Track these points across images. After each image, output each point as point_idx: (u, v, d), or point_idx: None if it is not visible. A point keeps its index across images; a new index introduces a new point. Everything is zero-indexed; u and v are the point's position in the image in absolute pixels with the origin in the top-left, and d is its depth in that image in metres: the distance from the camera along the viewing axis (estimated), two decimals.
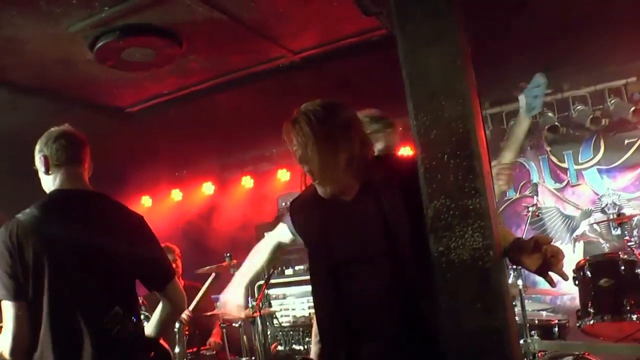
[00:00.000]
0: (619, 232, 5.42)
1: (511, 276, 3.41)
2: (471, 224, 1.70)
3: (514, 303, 3.64)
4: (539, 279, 5.64)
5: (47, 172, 2.43)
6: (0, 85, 4.19)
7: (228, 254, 4.65)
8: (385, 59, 2.94)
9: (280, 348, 5.31)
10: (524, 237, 4.19)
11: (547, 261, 1.79)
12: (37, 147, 2.49)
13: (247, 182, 6.96)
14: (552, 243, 1.82)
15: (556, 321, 4.13)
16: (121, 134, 5.42)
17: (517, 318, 3.60)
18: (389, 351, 2.04)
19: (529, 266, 1.83)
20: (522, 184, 5.89)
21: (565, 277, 1.85)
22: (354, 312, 2.07)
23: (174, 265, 4.25)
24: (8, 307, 2.13)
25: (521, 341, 3.54)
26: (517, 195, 5.89)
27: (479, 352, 1.67)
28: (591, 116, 5.28)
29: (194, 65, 4.32)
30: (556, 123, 5.42)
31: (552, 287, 1.96)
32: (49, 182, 2.44)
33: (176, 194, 7.24)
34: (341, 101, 2.08)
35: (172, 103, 4.99)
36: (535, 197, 4.21)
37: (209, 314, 4.74)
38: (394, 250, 1.99)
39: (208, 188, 7.16)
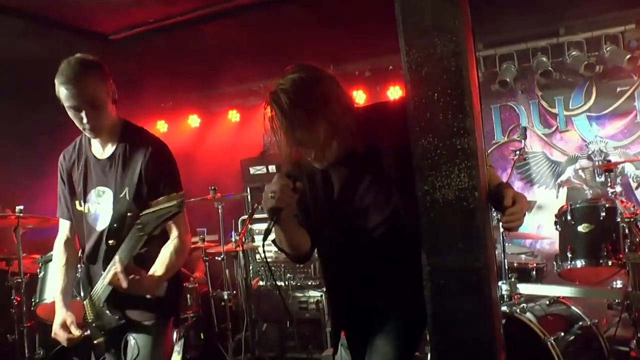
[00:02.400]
0: (602, 179, 5.48)
1: (494, 218, 3.43)
2: (458, 163, 1.69)
3: (495, 245, 3.69)
4: None
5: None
6: None
7: (213, 187, 4.63)
8: None
9: (261, 283, 5.39)
10: (509, 181, 4.24)
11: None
12: (105, 73, 2.39)
13: (234, 115, 6.87)
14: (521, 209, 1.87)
15: (534, 265, 4.19)
16: (104, 62, 5.27)
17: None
18: (390, 295, 2.13)
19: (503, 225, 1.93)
20: (510, 127, 5.88)
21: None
22: (361, 264, 2.15)
23: None
24: None
25: (499, 283, 3.61)
26: (505, 139, 5.88)
27: (458, 290, 1.69)
28: (585, 62, 5.21)
29: None
30: (549, 68, 5.35)
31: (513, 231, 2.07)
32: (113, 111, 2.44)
33: (161, 125, 7.16)
34: (314, 67, 2.00)
35: (157, 32, 4.85)
36: (523, 141, 4.19)
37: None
38: (394, 199, 2.03)
39: (194, 120, 7.08)
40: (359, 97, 6.12)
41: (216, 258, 4.81)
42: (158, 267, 2.40)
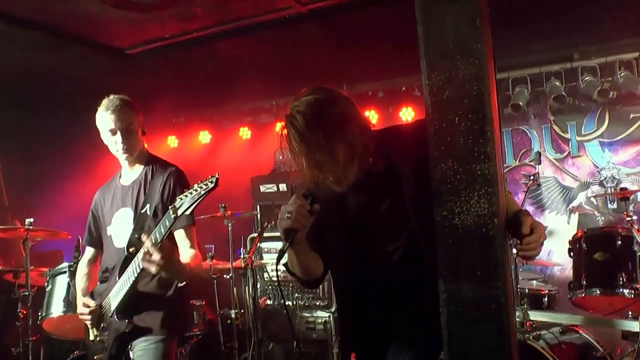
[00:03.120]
0: (615, 206, 5.42)
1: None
2: (478, 189, 1.66)
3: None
4: None
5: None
6: None
7: (223, 205, 4.62)
8: (398, 14, 2.85)
9: (269, 302, 5.35)
10: (522, 206, 4.20)
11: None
12: (136, 108, 2.81)
13: (245, 132, 6.86)
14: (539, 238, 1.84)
15: (546, 291, 4.14)
16: (119, 76, 5.30)
17: None
18: (406, 321, 2.08)
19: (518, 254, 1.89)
20: (522, 152, 5.84)
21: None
22: (372, 285, 2.12)
23: None
24: None
25: None
26: (517, 163, 5.85)
27: (476, 319, 1.65)
28: (599, 88, 5.18)
29: (198, 10, 4.20)
30: (563, 92, 5.33)
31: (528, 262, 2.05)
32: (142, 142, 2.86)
33: (172, 140, 7.17)
34: (329, 89, 1.98)
35: (173, 47, 4.87)
36: (537, 165, 4.16)
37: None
38: (413, 224, 1.99)
39: (205, 136, 7.07)
40: (371, 117, 6.11)
41: (224, 276, 4.77)
42: (185, 257, 2.58)
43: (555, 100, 5.39)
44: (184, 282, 2.59)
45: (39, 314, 4.04)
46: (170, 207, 2.28)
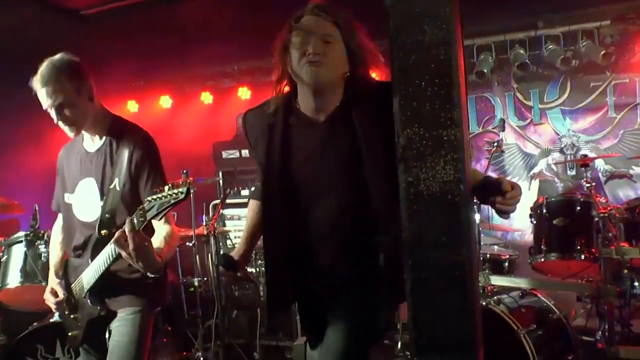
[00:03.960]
0: (574, 172, 5.55)
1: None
2: (444, 155, 1.64)
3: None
4: (493, 214, 5.77)
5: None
6: None
7: (185, 171, 4.53)
8: None
9: None
10: (485, 172, 4.24)
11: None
12: (79, 73, 2.47)
13: (207, 97, 6.73)
14: (520, 193, 1.86)
15: (507, 256, 4.22)
16: (75, 38, 5.09)
17: None
18: (341, 285, 2.01)
19: (500, 208, 1.86)
20: (485, 118, 5.90)
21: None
22: (306, 240, 2.02)
23: None
24: None
25: None
26: (480, 130, 5.90)
27: (441, 285, 1.65)
28: (562, 56, 5.24)
29: None
30: (526, 60, 5.37)
31: (506, 219, 2.01)
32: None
33: (132, 105, 6.99)
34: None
35: (131, 9, 4.70)
36: (500, 132, 4.20)
37: None
38: (361, 179, 1.94)
39: (165, 101, 6.92)
40: None
41: (187, 244, 4.71)
42: (156, 247, 2.33)
43: (519, 68, 5.44)
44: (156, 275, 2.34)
45: None
46: (139, 209, 2.12)
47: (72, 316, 2.53)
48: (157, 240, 2.39)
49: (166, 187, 2.10)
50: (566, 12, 5.31)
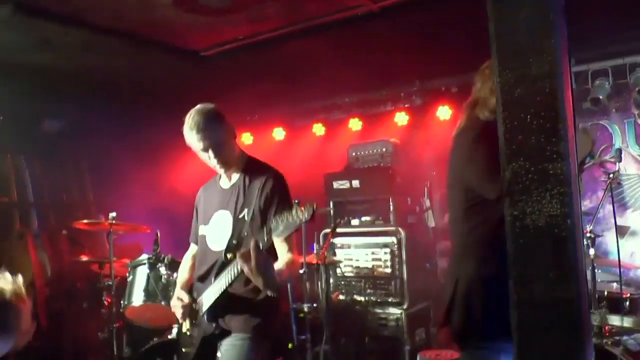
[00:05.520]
0: None
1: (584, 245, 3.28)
2: (550, 189, 1.62)
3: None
4: (611, 249, 5.43)
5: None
6: (79, 27, 4.28)
7: (296, 201, 4.68)
8: (470, 10, 2.80)
9: (341, 297, 5.39)
10: (601, 204, 4.03)
11: None
12: (221, 116, 2.73)
13: (318, 129, 6.92)
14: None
15: (628, 295, 3.96)
16: (195, 78, 5.50)
17: None
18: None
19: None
20: (602, 148, 5.59)
21: None
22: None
23: None
24: None
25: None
26: (597, 160, 5.60)
27: (549, 322, 1.61)
28: None
29: (271, 12, 4.27)
30: None
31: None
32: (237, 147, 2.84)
33: (247, 138, 7.32)
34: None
35: (246, 48, 4.98)
36: (617, 163, 3.97)
37: None
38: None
39: (278, 133, 7.18)
40: (445, 112, 6.04)
41: (298, 271, 4.85)
42: (277, 268, 2.50)
43: None
44: (274, 295, 2.48)
45: (122, 302, 4.27)
46: (264, 227, 2.29)
47: (188, 333, 2.69)
48: (279, 263, 2.55)
49: (292, 210, 2.22)
50: None
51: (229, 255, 2.52)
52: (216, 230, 2.74)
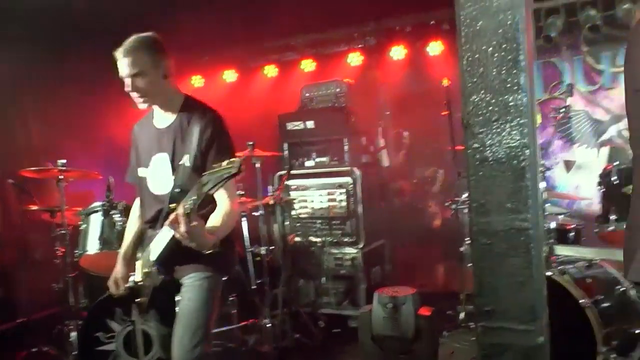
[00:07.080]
0: None
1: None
2: (510, 120, 1.64)
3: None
4: (559, 183, 5.62)
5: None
6: None
7: (250, 143, 4.63)
8: None
9: (298, 239, 5.44)
10: (550, 139, 4.13)
11: None
12: (158, 49, 2.62)
13: (271, 70, 6.82)
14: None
15: (572, 226, 4.11)
16: (141, 12, 5.23)
17: None
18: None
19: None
20: (552, 84, 5.71)
21: None
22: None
23: None
24: None
25: None
26: (547, 96, 5.72)
27: (506, 251, 1.66)
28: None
29: None
30: (598, 22, 5.11)
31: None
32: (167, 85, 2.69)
33: (197, 80, 7.16)
34: None
35: None
36: (567, 98, 4.05)
37: None
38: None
39: (230, 76, 7.04)
40: (400, 52, 6.01)
41: (253, 213, 4.85)
42: (212, 225, 2.48)
43: (590, 30, 5.19)
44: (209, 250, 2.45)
45: (76, 251, 4.18)
46: (197, 183, 2.24)
47: (140, 283, 2.68)
48: (215, 218, 2.51)
49: (224, 163, 2.19)
50: None
51: (172, 206, 2.44)
52: (156, 173, 2.68)
